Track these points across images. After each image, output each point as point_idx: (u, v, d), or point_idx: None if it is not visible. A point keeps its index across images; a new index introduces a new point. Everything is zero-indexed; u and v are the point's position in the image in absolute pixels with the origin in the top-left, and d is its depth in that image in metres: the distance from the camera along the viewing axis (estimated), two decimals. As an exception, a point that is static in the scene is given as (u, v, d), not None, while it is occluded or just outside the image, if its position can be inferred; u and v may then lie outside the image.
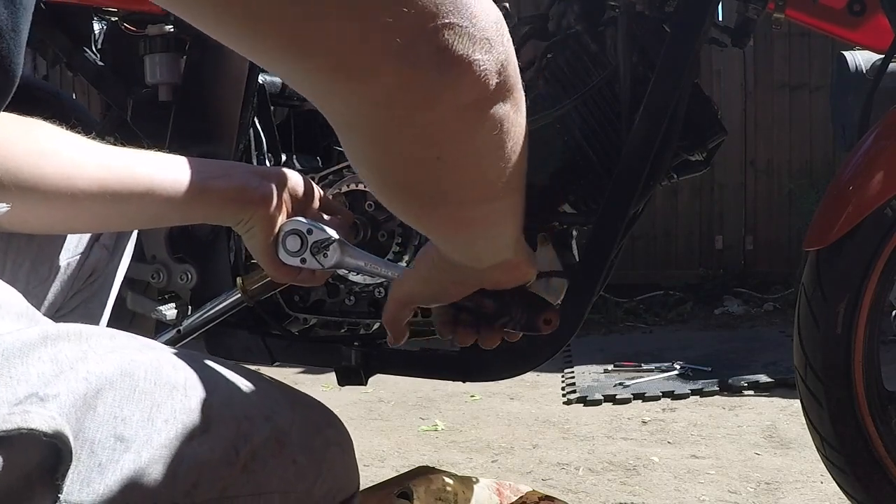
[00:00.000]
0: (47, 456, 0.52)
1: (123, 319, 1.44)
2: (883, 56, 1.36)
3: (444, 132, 0.56)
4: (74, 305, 1.03)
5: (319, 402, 0.84)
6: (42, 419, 0.52)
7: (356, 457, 0.87)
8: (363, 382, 1.34)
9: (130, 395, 0.61)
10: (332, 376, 1.35)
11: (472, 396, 2.99)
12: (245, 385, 0.74)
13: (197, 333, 1.17)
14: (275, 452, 0.71)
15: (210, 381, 0.69)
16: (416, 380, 1.37)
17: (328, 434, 0.81)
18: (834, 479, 1.40)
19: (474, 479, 1.30)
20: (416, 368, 1.34)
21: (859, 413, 1.33)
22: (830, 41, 2.34)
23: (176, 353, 0.70)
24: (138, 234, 1.41)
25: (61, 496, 0.54)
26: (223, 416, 0.68)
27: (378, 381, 1.43)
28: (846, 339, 1.31)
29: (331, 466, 0.80)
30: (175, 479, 0.62)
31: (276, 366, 1.42)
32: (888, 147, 1.28)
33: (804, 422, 1.41)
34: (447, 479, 1.23)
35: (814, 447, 1.41)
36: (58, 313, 1.00)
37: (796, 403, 1.47)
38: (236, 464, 0.67)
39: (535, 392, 3.06)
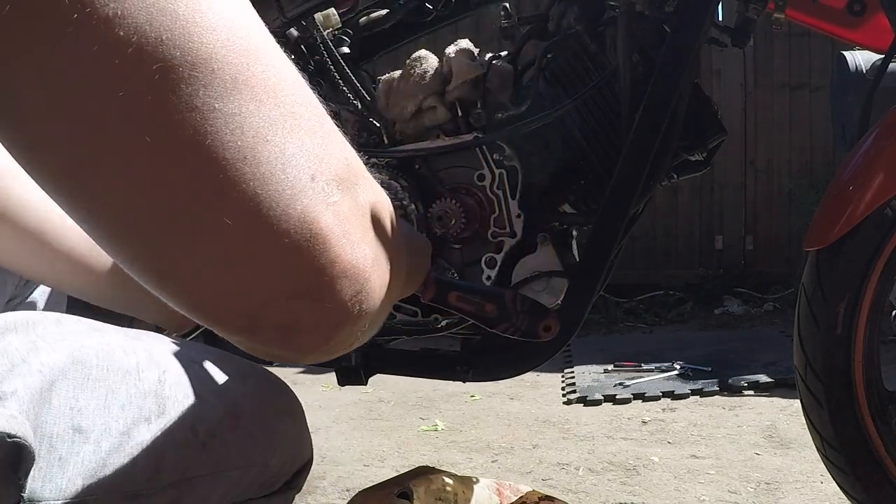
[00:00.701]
0: (8, 454, 0.52)
1: (122, 320, 1.44)
2: (883, 56, 1.36)
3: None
4: (28, 293, 1.02)
5: (268, 370, 0.83)
6: (4, 419, 0.52)
7: (308, 425, 0.86)
8: (363, 382, 1.34)
9: (84, 383, 0.60)
10: (332, 376, 1.35)
11: (472, 396, 2.99)
12: (196, 361, 0.73)
13: (196, 332, 1.17)
14: (231, 428, 0.71)
15: (161, 361, 0.69)
16: (416, 380, 1.37)
17: (279, 403, 0.80)
18: (834, 479, 1.40)
19: (474, 479, 1.29)
20: (416, 368, 1.34)
21: (859, 413, 1.33)
22: (830, 41, 2.34)
23: (125, 335, 0.69)
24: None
25: (24, 494, 0.53)
26: (177, 396, 0.67)
27: (378, 381, 1.44)
28: (846, 339, 1.31)
29: (283, 436, 0.79)
30: (136, 467, 0.61)
31: (276, 365, 1.42)
32: (888, 147, 1.28)
33: (804, 422, 1.41)
34: (447, 479, 1.23)
35: (814, 447, 1.41)
36: (10, 304, 1.00)
37: (796, 403, 1.47)
38: (195, 444, 0.67)
39: (535, 392, 3.06)
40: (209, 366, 0.75)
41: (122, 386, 0.63)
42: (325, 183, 0.42)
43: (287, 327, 0.44)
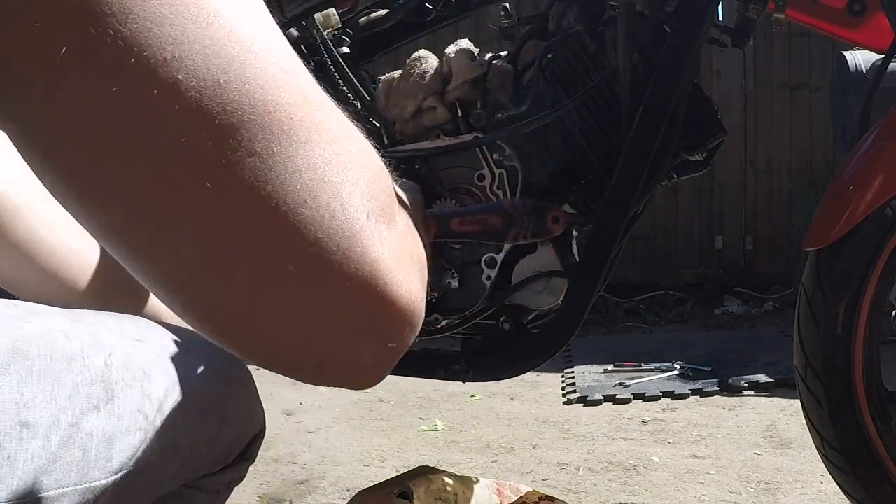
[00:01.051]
0: None
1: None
2: (883, 56, 1.36)
3: None
4: None
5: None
6: None
7: (259, 394, 0.85)
8: (363, 382, 1.34)
9: (28, 376, 0.58)
10: (332, 376, 1.35)
11: (472, 396, 2.99)
12: (141, 338, 0.72)
13: None
14: (180, 404, 0.69)
15: (106, 344, 0.67)
16: (416, 380, 1.37)
17: (229, 374, 0.79)
18: (834, 479, 1.40)
19: (474, 479, 1.29)
20: (416, 368, 1.33)
21: (859, 413, 1.33)
22: (830, 41, 2.34)
23: (65, 316, 0.67)
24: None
25: None
26: (125, 380, 0.65)
27: (378, 381, 1.44)
28: (846, 339, 1.31)
29: (234, 407, 0.78)
30: (88, 458, 0.60)
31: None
32: (888, 147, 1.28)
33: (804, 422, 1.41)
34: (447, 479, 1.23)
35: (814, 447, 1.41)
36: None
37: (796, 403, 1.47)
38: (145, 426, 0.65)
39: (535, 392, 3.06)
40: (154, 342, 0.73)
41: (68, 374, 0.61)
42: (377, 219, 0.41)
43: (354, 369, 0.44)
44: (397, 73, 1.34)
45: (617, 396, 2.90)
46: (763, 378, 2.96)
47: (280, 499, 2.04)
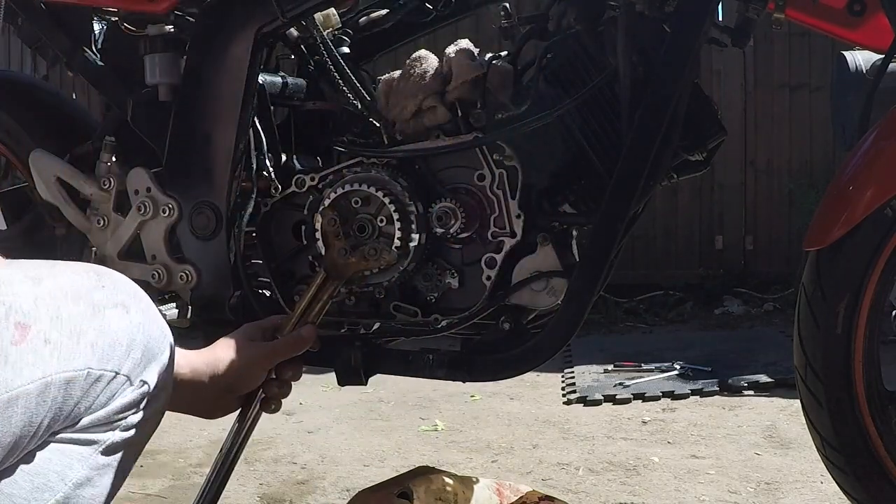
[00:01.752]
0: None
1: None
2: (883, 56, 1.36)
3: None
4: None
5: (84, 266, 0.78)
6: None
7: (156, 312, 0.81)
8: (363, 382, 1.34)
9: None
10: (332, 376, 1.35)
11: (472, 396, 2.99)
12: None
13: None
14: (18, 340, 0.67)
15: None
16: (416, 380, 1.37)
17: (96, 298, 0.75)
18: (834, 479, 1.40)
19: (474, 479, 1.30)
20: (417, 368, 1.34)
21: (859, 413, 1.33)
22: (830, 41, 2.34)
23: None
24: (139, 235, 1.41)
25: None
26: None
27: (378, 381, 1.44)
28: (846, 339, 1.31)
29: (102, 332, 0.73)
30: None
31: (276, 366, 1.42)
32: (888, 147, 1.28)
33: (804, 422, 1.40)
34: (447, 479, 1.23)
35: (814, 447, 1.41)
36: None
37: (796, 403, 1.47)
38: None
39: (535, 392, 3.06)
40: None
41: None
42: None
43: None
44: (397, 73, 1.34)
45: (617, 396, 2.89)
46: (763, 378, 2.96)
47: (280, 499, 2.04)
